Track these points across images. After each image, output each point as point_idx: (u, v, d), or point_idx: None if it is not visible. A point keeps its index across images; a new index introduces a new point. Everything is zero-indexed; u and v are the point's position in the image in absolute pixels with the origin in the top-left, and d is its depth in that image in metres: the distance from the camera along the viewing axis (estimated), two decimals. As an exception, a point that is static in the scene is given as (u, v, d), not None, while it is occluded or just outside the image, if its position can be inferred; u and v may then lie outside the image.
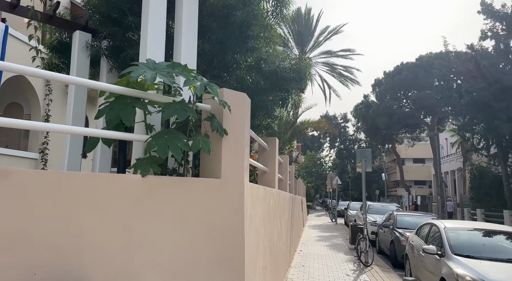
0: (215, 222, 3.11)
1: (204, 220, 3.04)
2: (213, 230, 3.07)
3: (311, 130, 16.79)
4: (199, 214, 3.02)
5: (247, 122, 3.59)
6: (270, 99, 4.68)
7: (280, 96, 5.04)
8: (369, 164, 9.82)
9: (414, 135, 40.07)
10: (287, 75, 4.50)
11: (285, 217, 7.85)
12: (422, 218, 10.99)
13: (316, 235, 15.85)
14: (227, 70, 4.52)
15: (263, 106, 4.90)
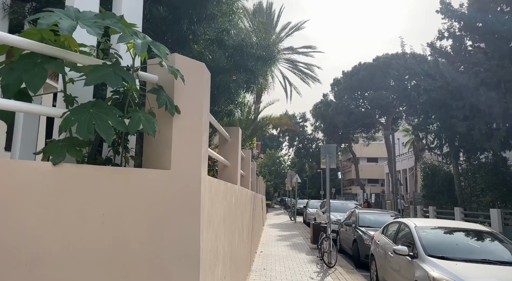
0: (162, 226, 2.36)
1: (146, 223, 2.28)
2: (158, 237, 2.32)
3: (272, 127, 16.29)
4: (140, 216, 2.25)
5: (206, 100, 2.86)
6: (233, 79, 3.96)
7: (245, 78, 4.33)
8: (333, 160, 9.43)
9: (369, 135, 41.24)
10: (254, 51, 3.82)
11: (247, 217, 7.19)
12: (384, 216, 10.84)
13: (276, 234, 15.38)
14: (182, 44, 3.74)
15: (225, 88, 4.17)
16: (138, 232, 2.25)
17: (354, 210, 11.44)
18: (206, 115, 2.93)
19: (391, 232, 6.91)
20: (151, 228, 2.30)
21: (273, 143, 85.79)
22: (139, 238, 2.25)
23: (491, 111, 12.48)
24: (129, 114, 2.24)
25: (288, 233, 16.36)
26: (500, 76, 12.08)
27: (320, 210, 16.91)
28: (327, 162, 9.30)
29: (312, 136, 62.58)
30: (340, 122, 30.00)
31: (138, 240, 2.23)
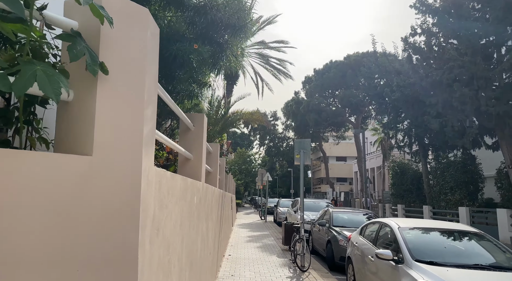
0: (76, 242, 1.57)
1: (53, 236, 1.49)
2: (70, 259, 1.53)
3: (244, 122, 15.59)
4: (38, 225, 1.46)
5: (151, 63, 2.08)
6: (195, 48, 3.16)
7: (211, 51, 3.54)
8: (308, 156, 8.84)
9: (339, 133, 41.45)
10: (221, 16, 3.04)
11: (214, 218, 6.42)
12: (359, 215, 10.40)
13: (246, 235, 14.68)
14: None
15: (185, 61, 3.36)
16: (40, 250, 1.45)
17: (328, 208, 10.94)
18: (152, 85, 2.15)
19: (370, 233, 6.37)
20: (60, 243, 1.51)
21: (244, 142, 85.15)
22: (39, 259, 1.44)
23: (464, 108, 12.40)
24: (18, 67, 1.43)
25: (259, 233, 15.71)
26: (473, 73, 11.99)
27: (291, 209, 16.39)
28: (301, 157, 8.69)
29: (283, 135, 62.55)
30: (311, 120, 29.76)
31: (36, 262, 1.43)
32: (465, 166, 16.76)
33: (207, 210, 5.30)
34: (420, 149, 20.88)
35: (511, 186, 12.93)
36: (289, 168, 59.57)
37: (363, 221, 10.04)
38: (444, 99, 12.63)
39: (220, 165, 9.38)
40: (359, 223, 9.92)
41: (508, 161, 12.81)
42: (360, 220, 10.09)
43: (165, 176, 2.54)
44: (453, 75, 11.79)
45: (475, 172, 16.64)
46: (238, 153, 56.10)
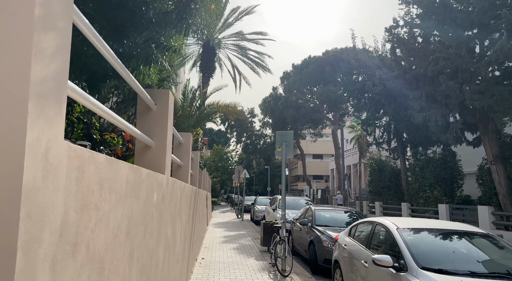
0: None
1: None
2: None
3: (220, 116, 14.67)
4: None
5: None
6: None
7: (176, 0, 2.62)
8: (290, 149, 8.07)
9: (317, 131, 41.18)
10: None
11: (183, 220, 5.53)
12: (343, 213, 9.75)
13: (221, 235, 13.80)
14: None
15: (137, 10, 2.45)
16: None
17: (310, 206, 10.23)
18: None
19: (362, 235, 5.66)
20: None
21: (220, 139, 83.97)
22: None
23: (448, 102, 12.00)
24: None
25: (235, 233, 14.87)
26: (458, 65, 11.60)
27: (270, 207, 15.64)
28: (283, 151, 7.90)
29: (260, 133, 61.96)
30: (290, 116, 29.15)
31: None
32: (445, 162, 16.55)
33: (174, 210, 4.41)
34: (398, 146, 20.65)
35: (493, 182, 12.69)
36: (266, 166, 59.06)
37: (347, 220, 9.41)
38: (428, 92, 12.20)
39: (193, 158, 8.48)
40: (344, 222, 9.29)
41: (491, 157, 12.55)
42: (344, 219, 9.45)
43: (94, 160, 1.64)
44: (438, 67, 11.35)
45: (455, 168, 16.46)
46: (215, 150, 54.95)
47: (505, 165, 12.39)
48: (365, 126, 21.95)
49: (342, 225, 8.99)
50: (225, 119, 61.19)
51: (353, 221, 9.34)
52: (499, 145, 12.61)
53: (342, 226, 8.94)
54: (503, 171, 12.36)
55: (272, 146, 59.40)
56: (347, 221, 9.26)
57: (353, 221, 9.29)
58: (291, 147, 8.05)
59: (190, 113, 13.92)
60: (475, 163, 16.95)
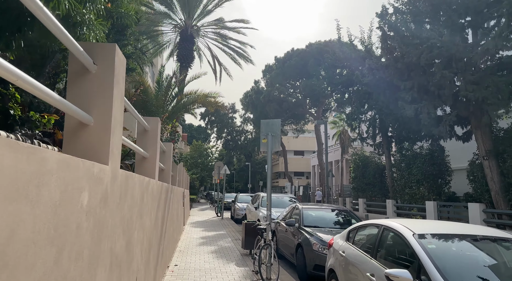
0: None
1: None
2: None
3: (199, 106, 13.51)
4: None
5: None
6: None
7: None
8: (277, 140, 7.07)
9: (299, 126, 40.49)
10: None
11: (146, 224, 4.44)
12: (334, 213, 8.85)
13: (199, 236, 12.71)
14: None
15: None
16: None
17: (296, 205, 9.28)
18: None
19: (365, 240, 4.74)
20: None
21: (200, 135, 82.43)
22: None
23: (441, 94, 11.31)
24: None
25: (214, 233, 13.80)
26: (452, 54, 10.90)
27: (251, 205, 14.63)
28: (269, 143, 6.89)
29: (241, 128, 60.89)
30: (272, 110, 28.18)
31: None
32: (433, 158, 16.00)
33: (129, 214, 3.33)
34: (384, 141, 20.05)
35: (485, 178, 12.12)
36: (247, 162, 58.12)
37: (338, 220, 8.53)
38: (420, 83, 11.47)
39: (165, 151, 7.37)
40: (335, 222, 8.40)
41: (483, 152, 11.97)
42: (335, 219, 8.56)
43: None
44: (433, 55, 10.61)
45: (443, 164, 15.93)
46: (194, 145, 53.53)
47: (498, 160, 11.84)
48: (350, 121, 21.25)
49: (333, 225, 8.11)
50: (205, 114, 59.83)
51: (345, 221, 8.48)
52: (492, 139, 12.05)
53: (334, 226, 8.05)
54: (496, 167, 11.80)
55: (254, 142, 58.35)
56: (338, 222, 8.38)
57: (345, 222, 8.42)
58: (278, 137, 7.06)
59: (165, 102, 12.72)
60: (463, 158, 16.49)
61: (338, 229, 7.76)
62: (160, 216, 5.86)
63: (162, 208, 6.29)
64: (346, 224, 8.25)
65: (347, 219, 8.49)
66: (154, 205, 5.13)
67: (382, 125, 19.55)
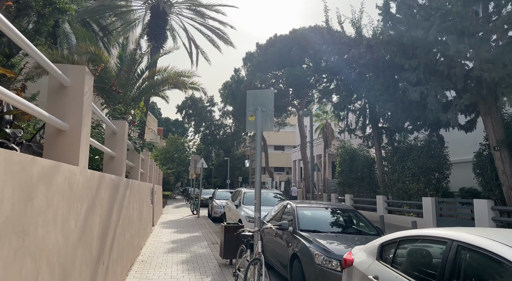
0: None
1: None
2: None
3: (170, 86, 11.47)
4: None
5: None
6: None
7: None
8: (269, 117, 5.26)
9: (280, 119, 38.87)
10: None
11: (52, 240, 2.52)
12: (336, 213, 7.12)
13: (169, 239, 10.77)
14: None
15: None
16: None
17: (288, 203, 7.50)
18: None
19: (419, 263, 3.00)
20: None
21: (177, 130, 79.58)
22: None
23: (451, 74, 9.79)
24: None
25: (187, 235, 11.90)
26: (465, 27, 9.38)
27: (231, 202, 12.77)
28: (258, 120, 5.07)
29: (220, 122, 58.78)
30: (253, 101, 26.30)
31: None
32: (430, 150, 14.63)
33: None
34: (374, 132, 18.65)
35: (495, 171, 10.77)
36: (225, 157, 56.09)
37: (343, 223, 6.82)
38: (428, 61, 9.91)
39: (117, 132, 5.45)
40: (339, 225, 6.69)
41: (494, 142, 10.60)
42: (339, 221, 6.85)
43: None
44: (446, 26, 9.05)
45: (442, 156, 14.59)
46: (170, 139, 51.02)
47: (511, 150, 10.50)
48: (337, 111, 19.70)
49: (338, 230, 6.40)
50: (182, 107, 57.28)
51: (352, 223, 6.78)
52: (504, 127, 10.69)
53: (338, 231, 6.34)
54: (509, 158, 10.46)
55: (233, 136, 56.32)
56: (343, 225, 6.68)
57: (351, 225, 6.73)
58: (271, 113, 5.25)
59: (129, 81, 10.64)
60: (463, 150, 15.23)
61: (345, 235, 6.06)
62: (98, 220, 3.95)
63: (106, 208, 4.39)
64: (353, 228, 6.57)
65: (354, 220, 6.81)
66: (78, 206, 3.22)
67: (373, 115, 18.13)
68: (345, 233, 6.22)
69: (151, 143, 7.25)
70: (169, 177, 40.76)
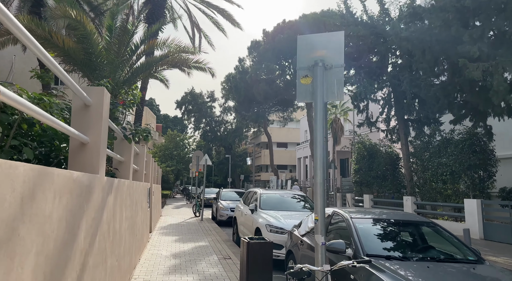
0: None
1: None
2: None
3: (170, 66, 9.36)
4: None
5: None
6: None
7: None
8: (338, 80, 3.19)
9: (286, 114, 36.84)
10: None
11: None
12: (406, 225, 5.04)
13: (170, 252, 8.72)
14: None
15: None
16: None
17: (336, 213, 5.43)
18: None
19: None
20: None
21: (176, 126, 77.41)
22: None
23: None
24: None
25: (192, 245, 9.86)
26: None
27: (243, 205, 10.66)
28: (318, 82, 3.01)
29: (221, 119, 56.71)
30: (261, 92, 24.21)
31: None
32: (473, 144, 12.58)
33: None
34: (399, 124, 16.60)
35: None
36: (226, 155, 54.01)
37: (424, 242, 4.76)
38: (496, 29, 7.84)
39: (91, 104, 3.38)
40: (420, 247, 4.63)
41: None
42: (419, 241, 4.76)
43: None
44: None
45: (487, 150, 12.54)
46: (169, 135, 48.95)
47: None
48: (357, 101, 17.65)
49: (423, 254, 4.32)
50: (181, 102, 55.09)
51: (435, 242, 4.72)
52: None
53: (425, 257, 4.26)
54: None
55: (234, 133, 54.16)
56: (425, 245, 4.60)
57: (435, 244, 4.67)
58: (339, 72, 3.17)
59: (119, 57, 8.55)
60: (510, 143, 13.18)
61: (437, 265, 4.00)
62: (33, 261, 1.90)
63: (57, 231, 2.33)
64: (441, 252, 4.50)
65: (437, 239, 4.74)
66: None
67: (399, 106, 16.07)
68: (434, 260, 4.16)
69: (147, 129, 5.12)
70: (169, 175, 38.73)
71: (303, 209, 9.36)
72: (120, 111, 5.78)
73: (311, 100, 3.21)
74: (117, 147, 5.92)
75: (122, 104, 5.55)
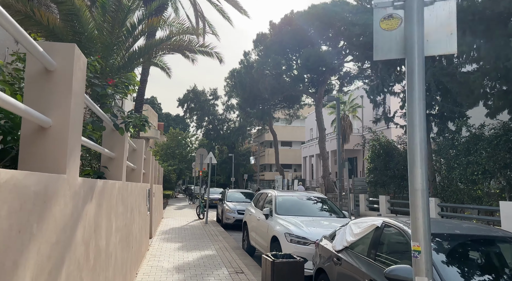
0: None
1: None
2: None
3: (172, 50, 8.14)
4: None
5: None
6: None
7: None
8: (450, 24, 1.97)
9: (292, 111, 35.55)
10: None
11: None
12: (503, 242, 3.81)
13: (172, 264, 7.51)
14: None
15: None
16: None
17: (387, 223, 4.20)
18: None
19: None
20: None
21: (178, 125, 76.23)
22: None
23: None
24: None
25: (197, 254, 8.65)
26: None
27: (255, 209, 9.40)
28: (414, 24, 1.76)
29: (224, 117, 55.54)
30: (267, 87, 22.95)
31: None
32: (509, 140, 11.32)
33: None
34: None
35: None
36: (229, 154, 52.82)
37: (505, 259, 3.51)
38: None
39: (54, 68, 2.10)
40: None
41: None
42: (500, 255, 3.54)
43: None
44: None
45: (526, 147, 11.29)
46: (171, 134, 47.83)
47: None
48: (373, 95, 16.44)
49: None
50: (183, 100, 53.88)
51: None
52: None
53: None
54: None
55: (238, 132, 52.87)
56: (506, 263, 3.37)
57: None
58: (452, 8, 1.96)
59: (113, 37, 7.35)
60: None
61: None
62: None
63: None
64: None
65: None
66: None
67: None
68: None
69: (143, 116, 3.85)
70: (171, 174, 37.58)
71: (325, 214, 8.14)
72: (110, 95, 4.55)
73: (399, 56, 2.01)
74: (106, 140, 4.71)
75: (111, 85, 4.33)
